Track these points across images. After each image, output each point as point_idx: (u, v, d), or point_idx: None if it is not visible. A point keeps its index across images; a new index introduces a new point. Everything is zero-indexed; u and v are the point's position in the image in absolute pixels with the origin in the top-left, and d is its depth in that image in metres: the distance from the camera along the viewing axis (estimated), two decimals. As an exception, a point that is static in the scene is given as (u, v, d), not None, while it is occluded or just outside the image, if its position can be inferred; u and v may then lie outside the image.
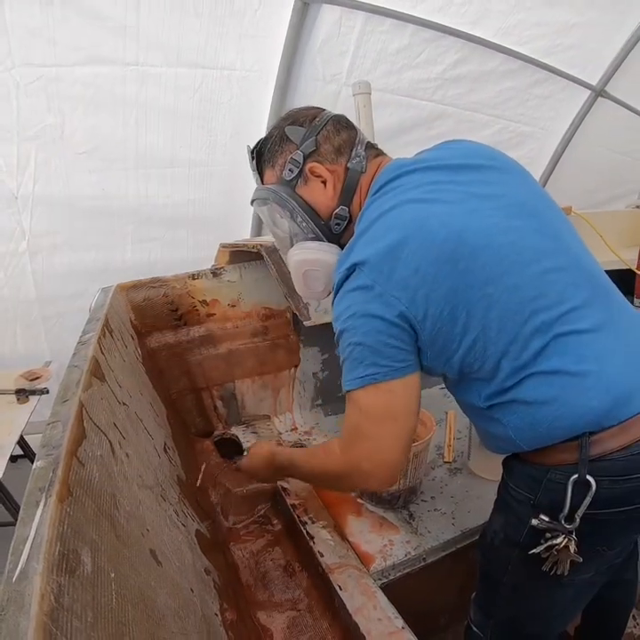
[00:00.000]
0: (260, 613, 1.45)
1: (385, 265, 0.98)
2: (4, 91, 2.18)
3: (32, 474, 0.79)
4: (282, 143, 1.19)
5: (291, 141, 1.17)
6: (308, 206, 1.16)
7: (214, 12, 2.29)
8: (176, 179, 2.75)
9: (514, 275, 0.97)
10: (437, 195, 1.02)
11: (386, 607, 1.33)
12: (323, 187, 1.15)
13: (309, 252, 1.19)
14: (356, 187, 1.15)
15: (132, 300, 1.98)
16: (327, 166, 1.14)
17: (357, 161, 1.15)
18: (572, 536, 0.98)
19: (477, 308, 0.97)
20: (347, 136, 1.17)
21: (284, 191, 1.16)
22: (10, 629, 0.55)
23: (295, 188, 1.16)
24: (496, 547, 1.18)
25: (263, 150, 1.25)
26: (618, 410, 0.95)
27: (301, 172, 1.15)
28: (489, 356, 1.00)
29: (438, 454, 2.01)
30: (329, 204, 1.16)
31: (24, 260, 2.60)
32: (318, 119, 1.17)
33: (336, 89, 2.82)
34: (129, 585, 0.82)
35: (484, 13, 2.80)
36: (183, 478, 1.56)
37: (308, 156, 1.14)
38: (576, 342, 0.97)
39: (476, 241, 0.97)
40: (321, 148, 1.14)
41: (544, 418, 0.98)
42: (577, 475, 0.95)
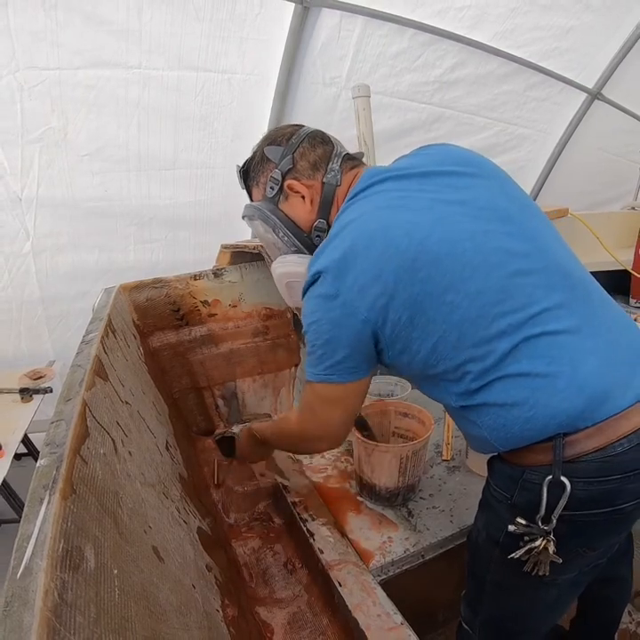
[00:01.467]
0: (261, 609, 1.46)
1: (347, 273, 1.01)
2: (7, 94, 2.19)
3: (36, 472, 0.79)
4: (262, 163, 1.23)
5: (270, 160, 1.21)
6: (290, 221, 1.21)
7: (216, 16, 2.30)
8: (178, 180, 2.76)
9: (477, 280, 0.98)
10: (405, 202, 1.05)
11: (385, 603, 1.34)
12: (302, 201, 1.20)
13: (289, 265, 1.25)
14: (332, 199, 1.19)
15: (135, 300, 1.99)
16: (304, 182, 1.19)
17: (332, 175, 1.19)
18: (551, 537, 0.98)
19: (437, 315, 0.99)
20: (322, 151, 1.22)
21: (267, 208, 1.22)
22: (14, 625, 0.55)
23: (278, 204, 1.22)
24: (479, 545, 1.20)
25: (248, 170, 1.28)
26: (592, 411, 0.95)
27: (281, 188, 1.20)
28: (451, 359, 1.02)
29: (437, 452, 2.02)
30: (308, 217, 1.21)
31: (28, 261, 2.62)
32: (295, 137, 1.21)
33: (336, 92, 2.83)
34: (131, 581, 0.82)
35: (482, 17, 2.81)
36: (185, 476, 1.57)
37: (286, 174, 1.19)
38: (548, 343, 0.98)
39: (438, 249, 0.98)
40: (297, 164, 1.19)
41: (515, 419, 0.99)
42: (551, 476, 0.96)
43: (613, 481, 0.96)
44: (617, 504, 0.98)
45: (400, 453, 1.61)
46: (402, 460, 1.62)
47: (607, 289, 1.20)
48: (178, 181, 2.76)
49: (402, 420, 1.86)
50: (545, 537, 0.99)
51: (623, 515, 1.00)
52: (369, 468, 1.68)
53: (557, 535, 0.99)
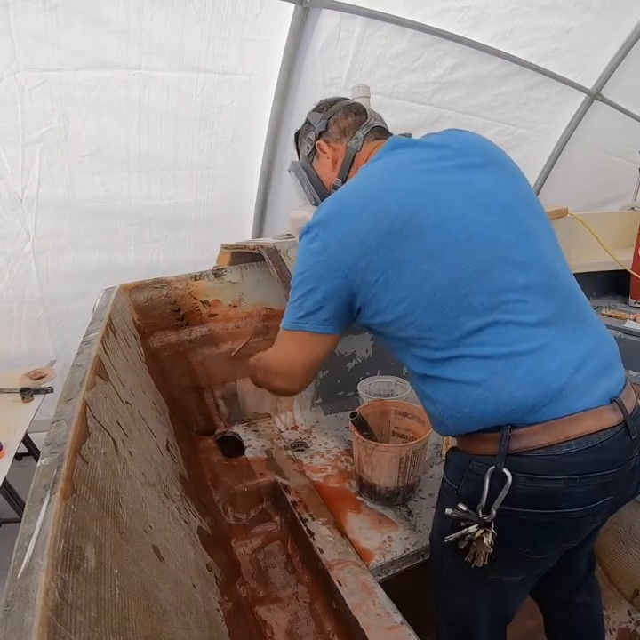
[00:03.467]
0: (261, 609, 1.47)
1: (336, 231, 1.08)
2: (8, 94, 2.19)
3: (37, 471, 0.80)
4: (306, 126, 1.42)
5: (310, 124, 1.39)
6: (317, 177, 1.40)
7: (216, 17, 2.30)
8: (178, 181, 2.76)
9: (457, 254, 1.02)
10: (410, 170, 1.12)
11: (385, 603, 1.34)
12: (327, 161, 1.36)
13: (303, 212, 1.44)
14: (351, 163, 1.31)
15: (135, 300, 2.00)
16: (332, 144, 1.34)
17: (356, 141, 1.31)
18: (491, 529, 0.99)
19: (411, 280, 1.03)
20: (353, 120, 1.34)
21: (302, 164, 1.42)
22: (15, 624, 0.55)
23: (311, 162, 1.41)
24: (433, 541, 1.25)
25: (299, 132, 1.48)
26: (543, 406, 0.97)
27: (314, 149, 1.38)
28: (419, 325, 1.06)
29: (437, 452, 2.03)
30: (330, 176, 1.37)
31: (29, 261, 2.62)
32: (335, 106, 1.37)
33: (335, 93, 2.82)
34: (132, 581, 0.83)
35: (482, 18, 2.81)
36: (185, 476, 1.58)
37: (318, 136, 1.36)
38: (515, 333, 1.00)
39: (426, 220, 1.03)
40: (330, 129, 1.35)
41: (468, 399, 1.03)
42: (494, 466, 0.98)
43: (557, 481, 0.96)
44: (561, 507, 0.98)
45: (400, 453, 1.61)
46: (402, 459, 1.62)
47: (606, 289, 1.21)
48: (178, 182, 2.77)
49: (402, 420, 1.86)
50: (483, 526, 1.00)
51: (568, 520, 1.01)
52: (369, 467, 1.68)
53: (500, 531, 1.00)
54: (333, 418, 2.35)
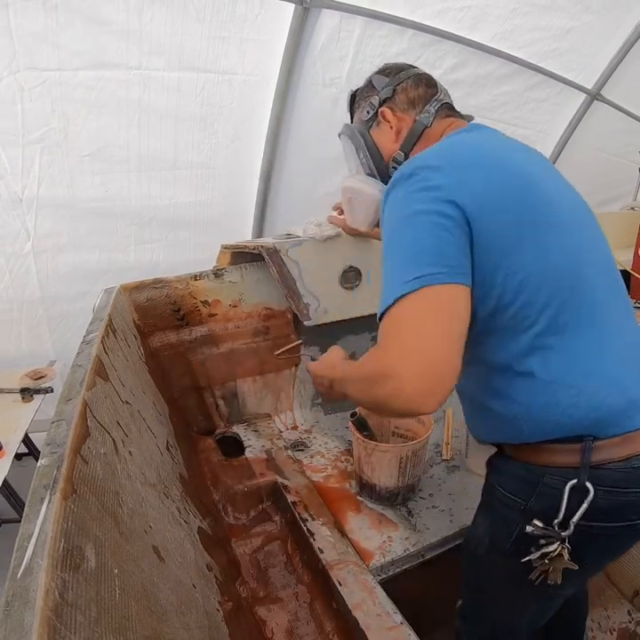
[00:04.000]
0: (261, 609, 1.47)
1: (460, 173, 0.94)
2: (8, 94, 2.19)
3: (36, 471, 0.80)
4: (368, 89, 1.30)
5: (374, 88, 1.27)
6: (374, 146, 1.28)
7: (216, 17, 2.30)
8: (178, 181, 2.76)
9: (577, 238, 0.99)
10: (512, 149, 1.08)
11: (385, 603, 1.35)
12: (390, 131, 1.24)
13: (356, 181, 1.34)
14: (418, 138, 1.21)
15: (135, 300, 2.00)
16: (397, 114, 1.23)
17: (426, 116, 1.21)
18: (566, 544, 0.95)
19: (533, 253, 0.93)
20: (423, 92, 1.25)
21: (359, 130, 1.30)
22: (15, 624, 0.55)
23: (369, 129, 1.28)
24: (479, 555, 1.16)
25: (356, 94, 1.36)
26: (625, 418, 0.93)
27: (376, 115, 1.26)
28: (529, 302, 0.93)
29: (436, 452, 2.03)
30: (391, 147, 1.25)
31: (29, 261, 2.62)
32: (403, 73, 1.26)
33: (335, 93, 2.83)
34: (132, 581, 0.83)
35: (482, 18, 2.81)
36: (185, 476, 1.58)
37: (383, 102, 1.25)
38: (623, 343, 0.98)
39: (543, 193, 0.98)
40: (396, 97, 1.24)
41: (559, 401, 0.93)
42: (576, 480, 0.93)
43: (633, 494, 0.94)
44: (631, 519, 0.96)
45: (400, 453, 1.61)
46: (402, 459, 1.62)
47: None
48: (178, 182, 2.76)
49: (402, 420, 1.86)
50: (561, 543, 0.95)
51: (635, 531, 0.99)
52: (369, 467, 1.68)
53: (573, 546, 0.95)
54: (333, 418, 2.35)
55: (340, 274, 2.13)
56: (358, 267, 2.16)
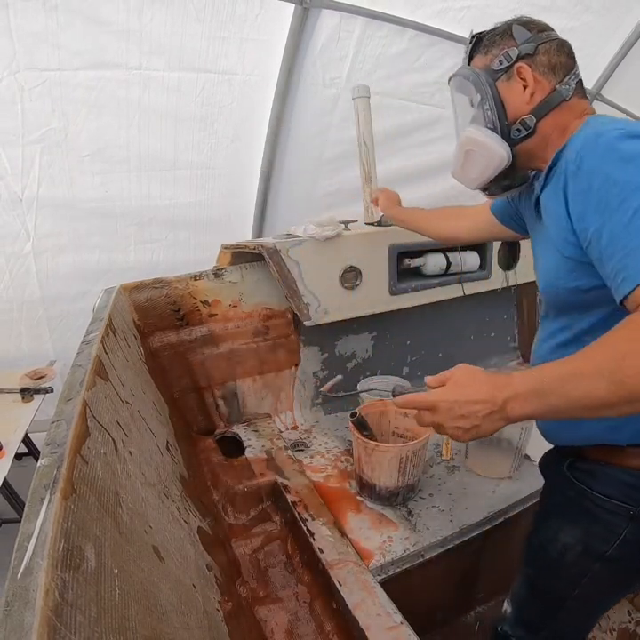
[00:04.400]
0: (261, 608, 1.47)
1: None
2: (8, 94, 2.19)
3: (36, 471, 0.79)
4: (503, 36, 1.19)
5: (512, 38, 1.17)
6: (500, 101, 1.16)
7: (216, 17, 2.30)
8: (178, 181, 2.76)
9: None
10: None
11: (385, 603, 1.35)
12: (522, 90, 1.14)
13: (483, 134, 1.18)
14: (554, 108, 1.13)
15: (135, 300, 2.00)
16: (535, 74, 1.13)
17: (566, 88, 1.13)
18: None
19: None
20: (565, 61, 1.17)
21: (486, 78, 1.18)
22: (15, 624, 0.55)
23: (496, 80, 1.17)
24: (568, 561, 1.12)
25: (483, 37, 1.26)
26: None
27: (510, 68, 1.15)
28: None
29: (437, 452, 2.03)
30: (521, 108, 1.15)
31: (29, 261, 2.62)
32: (547, 33, 1.18)
33: (335, 93, 2.83)
34: (132, 581, 0.83)
35: (482, 18, 2.79)
36: (185, 476, 1.58)
37: (522, 57, 1.14)
38: None
39: None
40: (537, 56, 1.14)
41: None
42: None
43: None
44: None
45: (400, 453, 1.62)
46: (402, 459, 1.62)
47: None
48: (178, 182, 2.76)
49: (402, 420, 1.87)
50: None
51: None
52: (369, 467, 1.69)
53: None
54: (333, 418, 2.35)
55: (340, 274, 2.13)
56: (358, 267, 2.16)
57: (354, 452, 1.77)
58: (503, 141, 1.16)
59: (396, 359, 2.60)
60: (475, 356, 2.87)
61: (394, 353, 2.58)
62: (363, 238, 2.20)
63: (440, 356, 2.74)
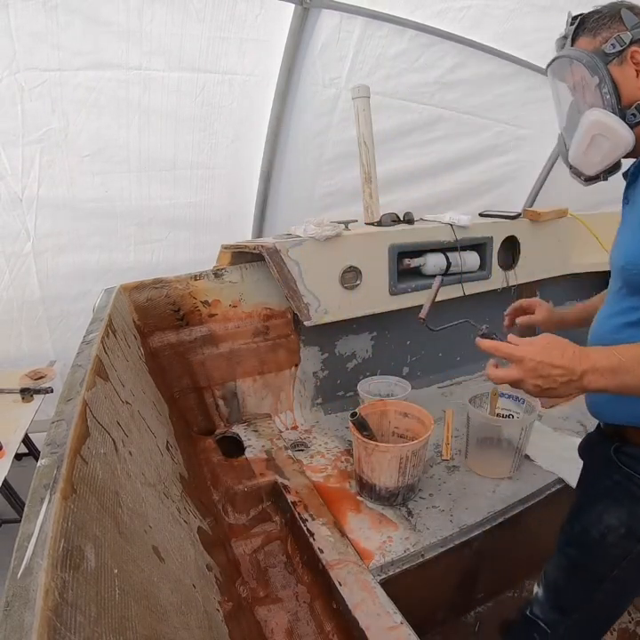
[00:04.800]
0: (262, 609, 1.47)
1: None
2: (8, 94, 2.19)
3: (36, 471, 0.79)
4: (613, 19, 1.18)
5: (622, 22, 1.17)
6: (613, 84, 1.16)
7: (216, 17, 2.30)
8: (178, 181, 2.76)
9: None
10: None
11: (385, 603, 1.35)
12: (635, 74, 1.15)
13: (610, 118, 1.17)
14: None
15: (135, 300, 2.00)
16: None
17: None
18: None
19: None
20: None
21: (597, 61, 1.17)
22: (15, 624, 0.55)
23: (608, 64, 1.17)
24: (610, 542, 1.16)
25: (588, 19, 1.24)
26: None
27: (622, 52, 1.15)
28: None
29: (437, 452, 2.03)
30: (635, 92, 1.15)
31: (29, 261, 2.62)
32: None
33: (335, 93, 2.83)
34: (132, 581, 0.82)
35: (482, 18, 2.80)
36: (185, 476, 1.57)
37: (635, 42, 1.14)
38: None
39: None
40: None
41: None
42: None
43: None
44: None
45: (400, 453, 1.62)
46: (402, 459, 1.62)
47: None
48: (178, 182, 2.76)
49: (402, 420, 1.87)
50: None
51: None
52: (369, 467, 1.69)
53: None
54: (333, 418, 2.35)
55: (340, 274, 2.13)
56: (358, 267, 2.16)
57: (354, 451, 1.78)
58: (626, 125, 1.16)
59: (396, 359, 2.60)
60: (475, 356, 2.87)
61: (394, 353, 2.59)
62: (363, 238, 2.20)
63: (440, 356, 2.74)
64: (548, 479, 1.86)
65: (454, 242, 2.41)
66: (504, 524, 1.70)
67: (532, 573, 2.04)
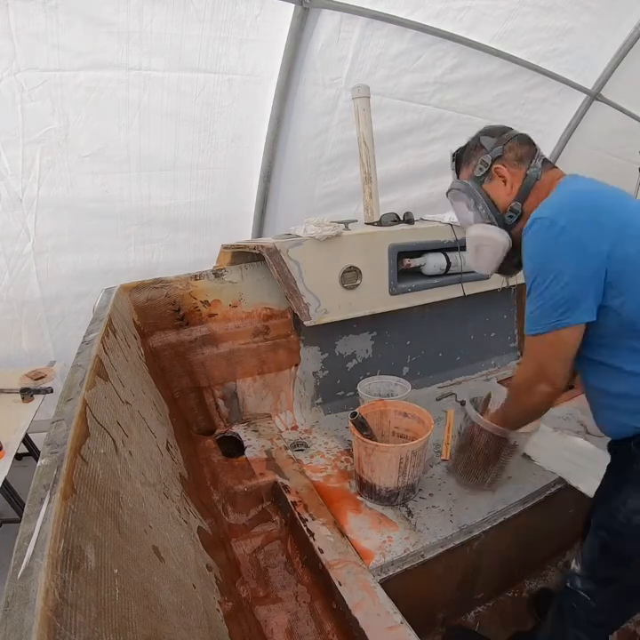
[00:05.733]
0: (261, 608, 1.47)
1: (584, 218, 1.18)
2: (8, 95, 2.19)
3: (37, 471, 0.80)
4: (476, 148, 1.47)
5: (483, 147, 1.45)
6: (489, 199, 1.43)
7: (216, 18, 2.30)
8: (178, 181, 2.76)
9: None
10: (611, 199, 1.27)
11: (385, 602, 1.35)
12: (503, 185, 1.41)
13: (485, 229, 1.45)
14: (530, 189, 1.39)
15: (135, 300, 2.00)
16: (509, 169, 1.41)
17: (534, 170, 1.39)
18: None
19: None
20: (527, 150, 1.44)
21: (473, 185, 1.45)
22: (15, 624, 0.55)
23: (482, 184, 1.44)
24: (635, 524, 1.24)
25: (462, 154, 1.53)
26: None
27: (488, 171, 1.43)
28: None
29: (437, 452, 2.03)
30: (506, 199, 1.42)
31: (29, 261, 2.62)
32: (507, 134, 1.45)
33: (335, 93, 2.83)
34: (132, 581, 0.83)
35: (482, 19, 2.81)
36: (185, 476, 1.58)
37: (495, 160, 1.42)
38: None
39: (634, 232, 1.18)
40: (505, 155, 1.41)
41: None
42: None
43: None
44: None
45: (400, 453, 1.62)
46: (401, 459, 1.62)
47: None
48: (178, 182, 2.76)
49: (402, 420, 1.87)
50: None
51: None
52: (369, 467, 1.69)
53: None
54: (333, 418, 2.35)
55: (340, 274, 2.13)
56: (358, 267, 2.16)
57: (354, 452, 1.77)
58: (502, 230, 1.43)
59: (396, 359, 2.60)
60: (475, 356, 2.87)
61: (394, 353, 2.59)
62: (363, 238, 2.20)
63: (440, 356, 2.74)
64: (548, 479, 1.86)
65: (454, 242, 2.41)
66: (504, 524, 1.70)
67: (532, 573, 2.04)
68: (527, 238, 1.24)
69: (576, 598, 1.37)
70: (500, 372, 2.88)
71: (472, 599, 1.87)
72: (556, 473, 1.88)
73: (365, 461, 1.69)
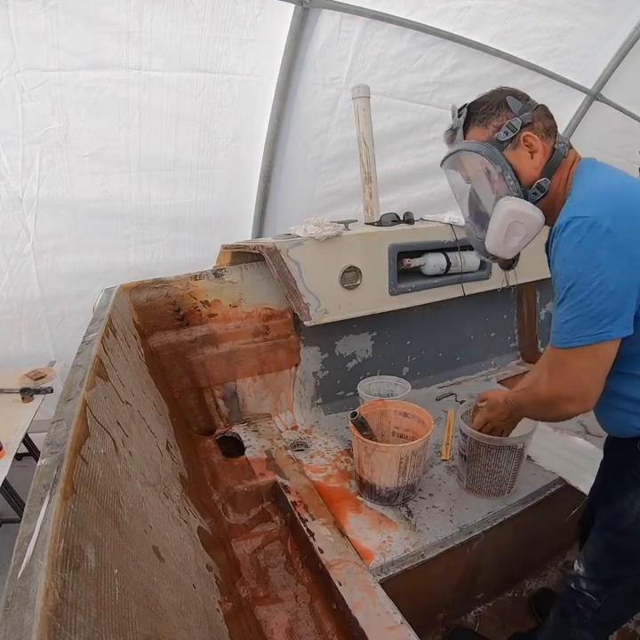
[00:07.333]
0: (261, 608, 1.47)
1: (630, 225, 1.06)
2: (8, 95, 2.19)
3: (37, 471, 0.80)
4: (500, 108, 1.28)
5: (509, 109, 1.27)
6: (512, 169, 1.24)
7: (216, 18, 2.30)
8: (178, 181, 2.76)
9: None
10: None
11: (385, 603, 1.35)
12: (529, 156, 1.24)
13: (522, 205, 1.25)
14: (557, 167, 1.24)
15: (135, 300, 2.00)
16: (539, 141, 1.24)
17: (562, 145, 1.26)
18: None
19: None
20: (552, 123, 1.30)
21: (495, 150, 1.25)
22: (15, 624, 0.55)
23: (503, 150, 1.25)
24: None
25: (475, 110, 1.34)
26: None
27: (515, 137, 1.24)
28: None
29: (437, 452, 2.03)
30: (532, 173, 1.25)
31: (29, 261, 2.62)
32: (532, 101, 1.31)
33: (335, 93, 2.83)
34: (132, 581, 0.83)
35: (482, 18, 2.81)
36: (185, 476, 1.58)
37: (524, 126, 1.24)
38: None
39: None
40: (535, 123, 1.26)
41: None
42: None
43: None
44: None
45: (400, 453, 1.62)
46: (401, 459, 1.62)
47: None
48: (178, 182, 2.76)
49: (402, 420, 1.87)
50: None
51: None
52: (369, 467, 1.69)
53: None
54: (333, 418, 2.35)
55: (340, 274, 2.13)
56: (358, 267, 2.16)
57: (354, 452, 1.77)
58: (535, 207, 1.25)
59: (396, 359, 2.60)
60: (475, 356, 2.87)
61: (394, 353, 2.59)
62: (363, 238, 2.20)
63: (440, 356, 2.74)
64: (548, 479, 1.86)
65: (454, 242, 2.41)
66: (504, 524, 1.70)
67: (532, 573, 2.04)
68: (563, 238, 1.09)
69: (581, 599, 1.36)
70: (500, 372, 2.88)
71: (472, 599, 1.87)
72: (555, 473, 1.88)
73: (365, 461, 1.69)
